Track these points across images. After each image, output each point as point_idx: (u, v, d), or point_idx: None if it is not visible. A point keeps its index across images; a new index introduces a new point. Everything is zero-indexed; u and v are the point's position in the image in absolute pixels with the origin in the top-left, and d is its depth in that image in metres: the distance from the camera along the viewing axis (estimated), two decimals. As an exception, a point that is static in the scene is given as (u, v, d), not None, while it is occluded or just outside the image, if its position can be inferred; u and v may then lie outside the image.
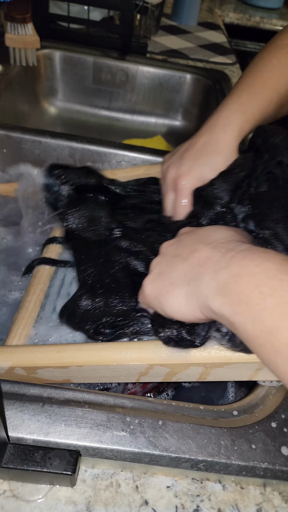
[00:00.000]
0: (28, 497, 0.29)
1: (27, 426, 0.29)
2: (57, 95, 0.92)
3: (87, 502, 0.29)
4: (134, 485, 0.30)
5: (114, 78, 0.89)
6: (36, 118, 0.87)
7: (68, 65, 0.88)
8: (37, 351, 0.32)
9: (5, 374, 0.32)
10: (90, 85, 0.90)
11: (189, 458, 0.30)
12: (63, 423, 0.30)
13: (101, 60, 0.87)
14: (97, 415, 0.30)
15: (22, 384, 0.32)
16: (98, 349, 0.32)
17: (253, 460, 0.30)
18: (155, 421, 0.31)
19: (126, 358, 0.31)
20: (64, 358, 0.31)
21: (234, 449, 0.30)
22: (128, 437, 0.30)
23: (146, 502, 0.29)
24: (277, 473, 0.30)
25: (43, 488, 0.29)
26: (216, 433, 0.31)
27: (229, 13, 1.40)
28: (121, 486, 0.30)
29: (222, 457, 0.30)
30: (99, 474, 0.30)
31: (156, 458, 0.30)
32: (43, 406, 0.30)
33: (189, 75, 0.89)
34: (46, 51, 0.85)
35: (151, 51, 0.95)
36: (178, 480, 0.31)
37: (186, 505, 0.30)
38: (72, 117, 0.92)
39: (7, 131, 0.60)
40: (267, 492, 0.31)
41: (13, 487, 0.29)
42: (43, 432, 0.29)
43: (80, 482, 0.30)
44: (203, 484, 0.31)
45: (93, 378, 0.33)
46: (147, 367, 0.31)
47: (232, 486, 0.31)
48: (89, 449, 0.29)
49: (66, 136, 0.61)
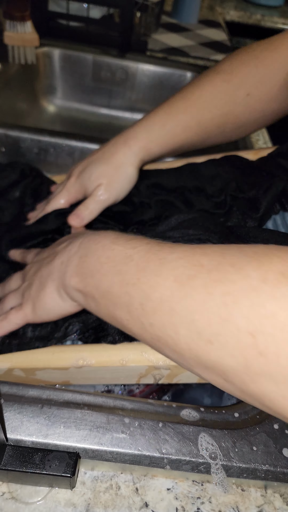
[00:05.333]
0: (27, 499, 0.29)
1: (26, 428, 0.29)
2: (56, 93, 0.91)
3: (87, 504, 0.29)
4: (134, 488, 0.30)
5: (114, 76, 0.88)
6: (35, 116, 0.87)
7: (68, 63, 0.87)
8: (35, 352, 0.32)
9: (4, 376, 0.32)
10: (90, 83, 0.89)
11: (189, 460, 0.29)
12: (62, 425, 0.30)
13: (100, 58, 0.86)
14: (96, 417, 0.30)
15: (20, 385, 0.31)
16: (98, 350, 0.31)
17: (254, 462, 0.30)
18: (155, 423, 0.30)
19: (125, 360, 0.30)
20: (62, 360, 0.31)
21: (235, 451, 0.30)
22: (128, 439, 0.29)
23: (146, 504, 0.29)
24: (279, 475, 0.30)
25: (42, 490, 0.29)
26: (217, 435, 0.30)
27: (230, 11, 1.40)
28: (121, 489, 0.30)
29: (223, 459, 0.29)
30: (98, 476, 0.30)
31: (156, 460, 0.29)
32: (42, 408, 0.30)
33: (189, 73, 0.89)
34: (45, 49, 0.85)
35: (151, 49, 0.95)
36: (179, 482, 0.31)
37: (186, 507, 0.29)
38: (71, 115, 0.91)
39: (6, 130, 0.59)
40: (268, 494, 0.31)
41: (12, 489, 0.29)
42: (42, 434, 0.29)
43: (80, 484, 0.30)
44: (203, 486, 0.31)
45: (93, 379, 0.33)
46: (147, 369, 0.31)
47: (233, 488, 0.31)
48: (89, 451, 0.29)
49: (65, 134, 0.61)
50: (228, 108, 0.42)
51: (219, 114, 0.42)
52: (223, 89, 0.42)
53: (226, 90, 0.41)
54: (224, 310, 0.20)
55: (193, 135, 0.42)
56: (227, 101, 0.42)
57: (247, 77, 0.41)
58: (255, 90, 0.42)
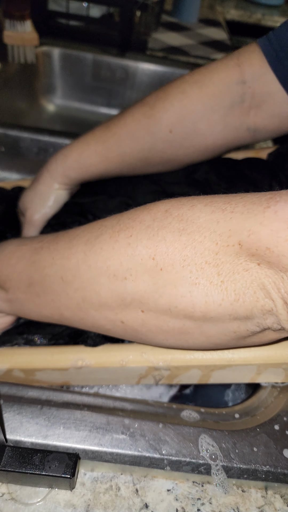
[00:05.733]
0: (26, 500, 0.29)
1: (26, 428, 0.29)
2: (56, 92, 0.91)
3: (87, 505, 0.29)
4: (134, 489, 0.30)
5: (114, 76, 0.88)
6: (34, 116, 0.86)
7: (67, 62, 0.87)
8: (35, 353, 0.32)
9: (3, 376, 0.32)
10: (89, 82, 0.89)
11: (190, 461, 0.29)
12: (62, 426, 0.29)
13: (100, 57, 0.86)
14: (96, 418, 0.30)
15: (20, 386, 0.31)
16: (97, 351, 0.31)
17: (254, 463, 0.29)
18: (155, 424, 0.30)
19: (125, 361, 0.30)
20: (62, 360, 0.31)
21: (235, 452, 0.30)
22: (128, 440, 0.29)
23: (146, 505, 0.29)
24: (279, 476, 0.30)
25: (42, 491, 0.29)
26: (217, 436, 0.30)
27: (230, 10, 1.39)
28: (120, 490, 0.30)
29: (223, 460, 0.29)
30: (98, 477, 0.30)
31: (156, 461, 0.29)
32: (41, 409, 0.30)
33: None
34: (45, 48, 0.85)
35: (151, 48, 0.95)
36: (179, 483, 0.30)
37: (186, 508, 0.29)
38: (71, 114, 0.91)
39: (5, 129, 0.59)
40: (268, 495, 0.31)
41: (12, 490, 0.29)
42: (41, 435, 0.29)
43: (79, 485, 0.29)
44: (204, 487, 0.30)
45: (92, 380, 0.33)
46: (147, 370, 0.31)
47: (233, 489, 0.31)
48: (88, 452, 0.29)
49: (65, 134, 0.60)
50: (149, 144, 0.40)
51: (139, 149, 0.40)
52: (144, 124, 0.39)
53: (147, 125, 0.39)
54: (130, 248, 0.25)
55: (113, 165, 0.42)
56: (146, 137, 0.39)
57: (169, 112, 0.38)
58: (178, 126, 0.38)
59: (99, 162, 0.42)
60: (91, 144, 0.42)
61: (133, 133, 0.40)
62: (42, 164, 0.46)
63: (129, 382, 0.33)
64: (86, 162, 0.42)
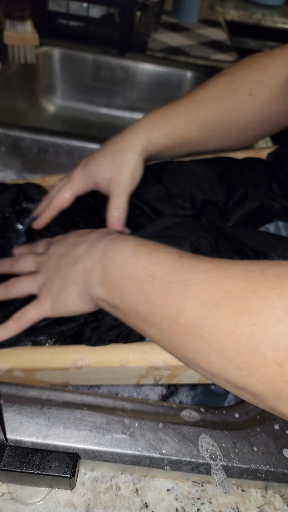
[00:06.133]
0: (27, 500, 0.29)
1: (26, 428, 0.29)
2: (56, 93, 0.91)
3: (87, 505, 0.29)
4: (134, 488, 0.30)
5: (114, 76, 0.88)
6: (34, 116, 0.87)
7: (67, 62, 0.87)
8: (35, 353, 0.32)
9: (3, 376, 0.32)
10: (90, 82, 0.89)
11: (189, 461, 0.29)
12: (62, 426, 0.29)
13: (100, 58, 0.86)
14: (96, 418, 0.30)
15: (20, 386, 0.31)
16: (97, 351, 0.31)
17: (254, 463, 0.29)
18: (155, 423, 0.30)
19: (125, 360, 0.30)
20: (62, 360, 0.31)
21: (235, 452, 0.30)
22: (128, 440, 0.29)
23: (146, 505, 0.29)
24: (279, 475, 0.30)
25: (42, 491, 0.29)
26: (217, 436, 0.30)
27: (230, 10, 1.40)
28: (121, 489, 0.30)
29: (223, 459, 0.29)
30: (98, 477, 0.30)
31: (156, 461, 0.29)
32: (41, 409, 0.30)
33: (189, 73, 0.89)
34: (45, 49, 0.85)
35: (151, 49, 0.95)
36: (179, 483, 0.30)
37: (186, 508, 0.29)
38: (71, 115, 0.91)
39: (5, 130, 0.59)
40: (268, 494, 0.31)
41: (12, 489, 0.29)
42: (41, 434, 0.29)
43: (80, 485, 0.30)
44: (204, 487, 0.30)
45: (93, 380, 0.33)
46: (147, 369, 0.31)
47: (233, 488, 0.31)
48: (89, 451, 0.29)
49: (65, 134, 0.60)
50: (231, 107, 0.43)
51: (222, 111, 0.43)
52: (226, 88, 0.43)
53: (229, 89, 0.43)
54: (252, 340, 0.21)
55: (196, 130, 0.43)
56: (230, 100, 0.43)
57: (249, 77, 0.43)
58: (257, 90, 0.42)
59: (185, 125, 0.42)
60: (176, 109, 0.43)
61: (216, 95, 0.43)
62: (42, 164, 0.46)
63: (129, 381, 0.33)
64: (173, 125, 0.42)
